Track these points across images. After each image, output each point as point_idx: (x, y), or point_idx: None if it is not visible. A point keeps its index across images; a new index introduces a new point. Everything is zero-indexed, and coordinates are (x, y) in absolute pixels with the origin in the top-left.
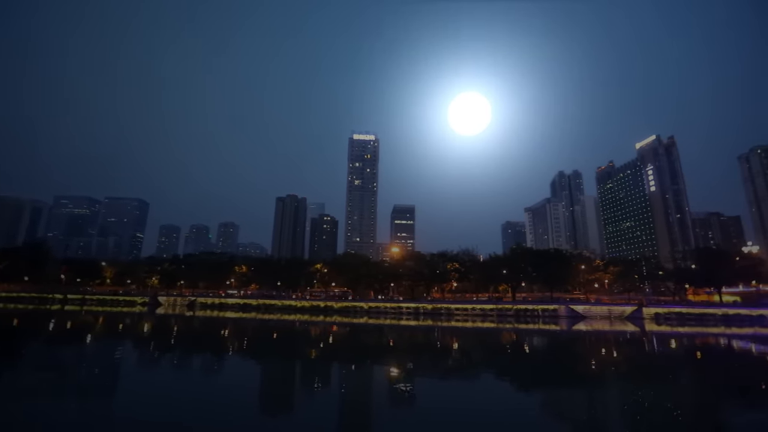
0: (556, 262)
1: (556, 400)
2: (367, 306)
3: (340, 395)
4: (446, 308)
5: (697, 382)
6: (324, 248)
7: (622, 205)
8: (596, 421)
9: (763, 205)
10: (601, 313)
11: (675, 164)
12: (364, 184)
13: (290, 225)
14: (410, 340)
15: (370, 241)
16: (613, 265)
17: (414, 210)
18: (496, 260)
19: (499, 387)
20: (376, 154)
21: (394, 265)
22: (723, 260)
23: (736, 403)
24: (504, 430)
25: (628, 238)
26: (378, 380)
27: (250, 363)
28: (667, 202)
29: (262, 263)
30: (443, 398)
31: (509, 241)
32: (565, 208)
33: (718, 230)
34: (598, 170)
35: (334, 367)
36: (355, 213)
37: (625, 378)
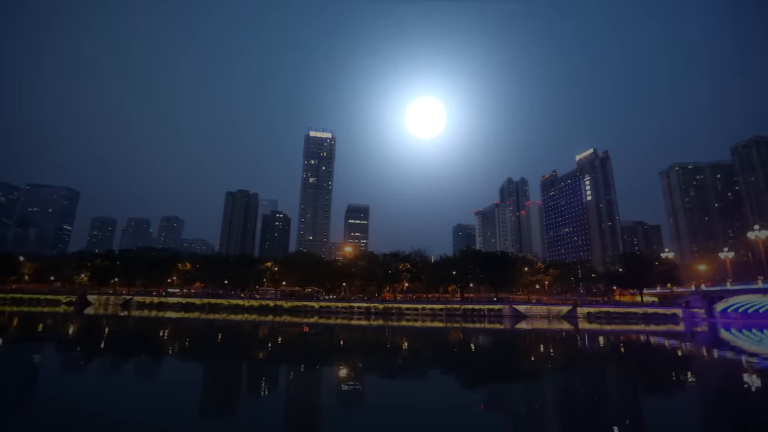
0: (502, 265)
1: (498, 394)
2: (318, 305)
3: (285, 396)
4: (397, 308)
5: (619, 374)
6: (275, 246)
7: (563, 212)
8: (533, 413)
9: (679, 217)
10: (540, 312)
11: (608, 176)
12: (318, 182)
13: (240, 221)
14: (360, 340)
15: (323, 240)
16: (552, 268)
17: (368, 210)
18: (447, 261)
19: (445, 384)
20: (332, 153)
21: (347, 265)
22: (645, 265)
23: (652, 392)
24: (449, 425)
25: (566, 243)
26: (326, 380)
27: (190, 365)
28: (601, 211)
29: (208, 260)
30: (391, 396)
31: (460, 243)
32: (512, 213)
33: (642, 237)
34: (542, 178)
35: (281, 368)
36: (309, 211)
37: (560, 372)
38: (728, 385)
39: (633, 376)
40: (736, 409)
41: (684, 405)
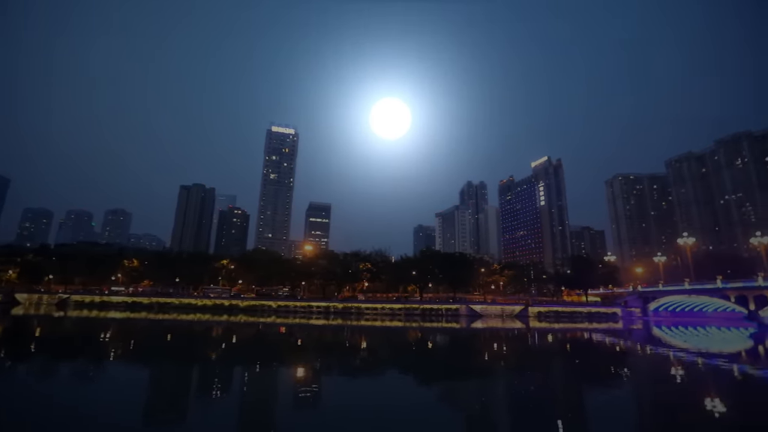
0: (460, 265)
1: (453, 391)
2: (276, 305)
3: (238, 399)
4: (356, 307)
5: (565, 369)
6: (232, 243)
7: (518, 216)
8: (486, 408)
9: (620, 223)
10: (495, 312)
11: (560, 183)
12: (280, 178)
13: (195, 216)
14: (319, 340)
15: (282, 238)
16: (507, 269)
17: (330, 208)
18: (407, 262)
19: (403, 382)
20: (295, 149)
21: (307, 264)
22: (590, 267)
23: (593, 385)
24: (406, 423)
25: (521, 245)
26: (282, 381)
27: (133, 369)
28: (553, 216)
29: (158, 257)
30: (349, 396)
31: (420, 243)
32: (471, 215)
33: (589, 242)
34: (500, 183)
35: (235, 370)
36: (269, 208)
37: (512, 369)
38: (660, 377)
39: (577, 371)
40: (667, 397)
41: (620, 396)
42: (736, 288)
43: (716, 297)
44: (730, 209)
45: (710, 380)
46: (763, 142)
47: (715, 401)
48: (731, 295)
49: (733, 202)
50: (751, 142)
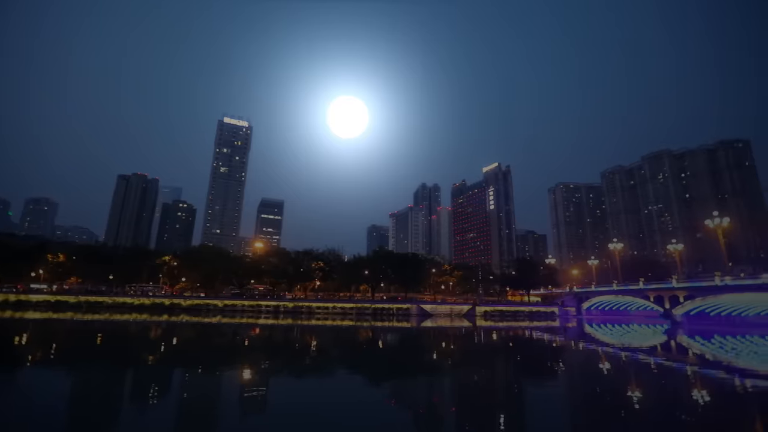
0: (412, 266)
1: (401, 387)
2: (222, 304)
3: (174, 405)
4: (307, 307)
5: (506, 364)
6: (176, 238)
7: (469, 219)
8: (433, 404)
9: (561, 228)
10: (444, 311)
11: (509, 189)
12: (231, 172)
13: (134, 208)
14: (267, 340)
15: (231, 234)
16: (457, 270)
17: (283, 205)
18: (360, 261)
19: (352, 381)
20: (248, 143)
21: (257, 261)
22: (532, 269)
23: (532, 378)
24: (353, 420)
25: (471, 247)
26: (225, 384)
27: (53, 376)
28: (501, 220)
29: (88, 251)
30: (297, 396)
31: (373, 243)
32: (424, 217)
33: (532, 245)
34: (453, 186)
35: (174, 374)
36: (218, 202)
37: (458, 365)
38: (589, 369)
39: (517, 366)
40: (596, 387)
41: (556, 387)
42: (654, 289)
43: (639, 297)
44: (652, 218)
45: (631, 371)
46: (681, 160)
47: (636, 390)
48: (650, 295)
49: (655, 212)
50: (671, 160)
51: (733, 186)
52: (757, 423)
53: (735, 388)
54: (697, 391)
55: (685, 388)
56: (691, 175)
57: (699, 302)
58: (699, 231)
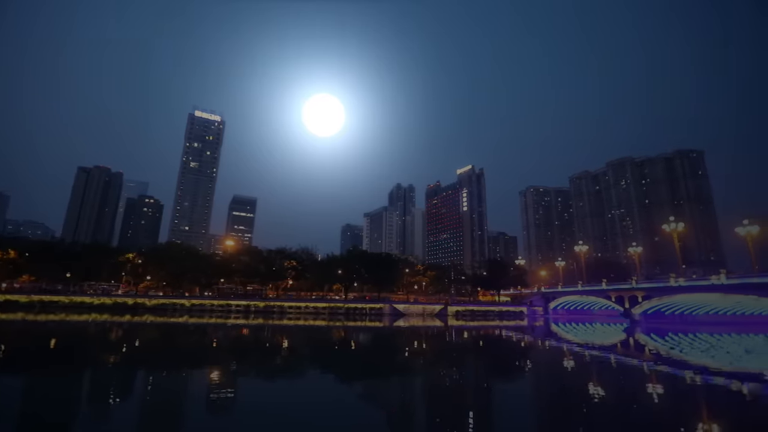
0: (386, 265)
1: (374, 388)
2: (190, 303)
3: (138, 408)
4: (279, 306)
5: (476, 362)
6: (142, 235)
7: (443, 220)
8: (404, 403)
9: (530, 230)
10: (417, 311)
11: (482, 191)
12: (202, 167)
13: (95, 203)
14: (237, 340)
15: (201, 232)
16: (430, 270)
17: (256, 203)
18: (334, 260)
19: (322, 381)
20: (220, 138)
21: (227, 260)
22: (503, 270)
23: (501, 375)
24: (323, 420)
25: (444, 248)
26: (192, 386)
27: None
28: (474, 221)
29: (42, 247)
30: (267, 396)
31: (347, 242)
32: (399, 217)
33: (503, 246)
34: (428, 187)
35: (138, 376)
36: (187, 198)
37: (430, 364)
38: (555, 366)
39: (488, 364)
40: (561, 383)
41: (524, 383)
42: (615, 289)
43: (601, 297)
44: (615, 222)
45: (593, 368)
46: (642, 167)
47: (596, 386)
48: (612, 296)
49: (618, 216)
50: (633, 167)
51: (687, 193)
52: (703, 414)
53: (686, 383)
54: (652, 386)
55: (640, 383)
56: (650, 182)
57: (656, 302)
58: (657, 235)
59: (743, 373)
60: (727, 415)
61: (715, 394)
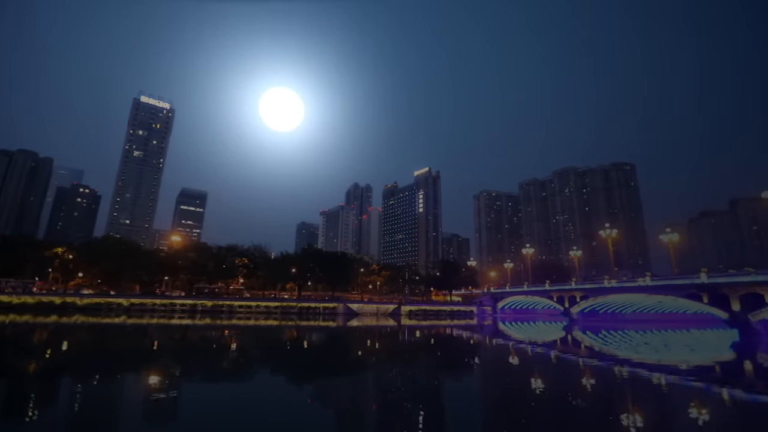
0: (341, 265)
1: (325, 386)
2: (128, 303)
3: (69, 416)
4: (228, 305)
5: (428, 360)
6: (74, 228)
7: (399, 220)
8: (355, 401)
9: (482, 233)
10: (371, 310)
11: (437, 193)
12: (147, 157)
13: (18, 191)
14: (181, 342)
15: (144, 226)
16: (385, 270)
17: (206, 197)
18: (287, 258)
19: (275, 382)
20: (169, 127)
21: (173, 256)
22: (455, 270)
23: (451, 372)
24: (274, 423)
25: (399, 248)
26: (129, 391)
27: None
28: (429, 222)
29: None
30: (211, 401)
31: (302, 240)
32: (355, 216)
33: (456, 247)
34: (385, 187)
35: (64, 382)
36: (129, 190)
37: (382, 362)
38: (501, 362)
39: (438, 361)
40: (505, 379)
41: (472, 379)
42: (557, 290)
43: (544, 297)
44: (558, 227)
45: (536, 363)
46: (584, 177)
47: (538, 379)
48: (554, 296)
49: (561, 221)
50: (575, 176)
51: (621, 202)
52: (628, 402)
53: (614, 375)
54: (586, 378)
55: (576, 376)
56: (590, 191)
57: (591, 302)
58: (594, 240)
59: (662, 365)
60: (647, 402)
61: (638, 384)
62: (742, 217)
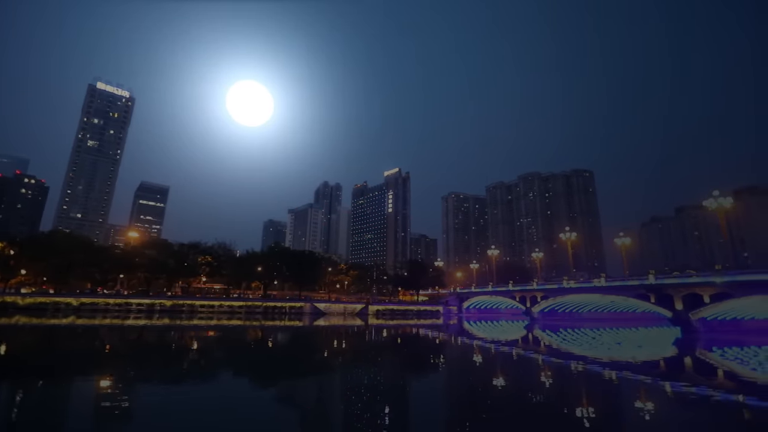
0: (308, 264)
1: (289, 387)
2: (78, 302)
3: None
4: (189, 305)
5: (393, 359)
6: (17, 221)
7: (368, 220)
8: (323, 401)
9: (450, 234)
10: (338, 310)
11: (407, 194)
12: (102, 147)
13: None
14: (136, 343)
15: (98, 221)
16: (353, 270)
17: (168, 191)
18: (253, 257)
19: (237, 384)
20: (128, 116)
21: (130, 253)
22: (423, 271)
23: (416, 370)
24: (235, 425)
25: (368, 248)
26: (79, 396)
27: None
28: (398, 223)
29: None
30: (165, 405)
31: (270, 238)
32: (324, 215)
33: (424, 248)
34: (355, 187)
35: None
36: (81, 182)
37: (348, 362)
38: (465, 360)
39: (404, 360)
40: (469, 376)
41: (437, 377)
42: (519, 290)
43: (508, 297)
44: (522, 230)
45: (498, 360)
46: (547, 182)
47: (500, 376)
48: (517, 296)
49: (525, 224)
50: (539, 181)
51: (580, 207)
52: (582, 396)
53: (572, 370)
54: (546, 375)
55: (536, 372)
56: (553, 195)
57: (551, 301)
58: (555, 242)
59: (614, 362)
60: (600, 396)
61: (593, 380)
62: (686, 223)
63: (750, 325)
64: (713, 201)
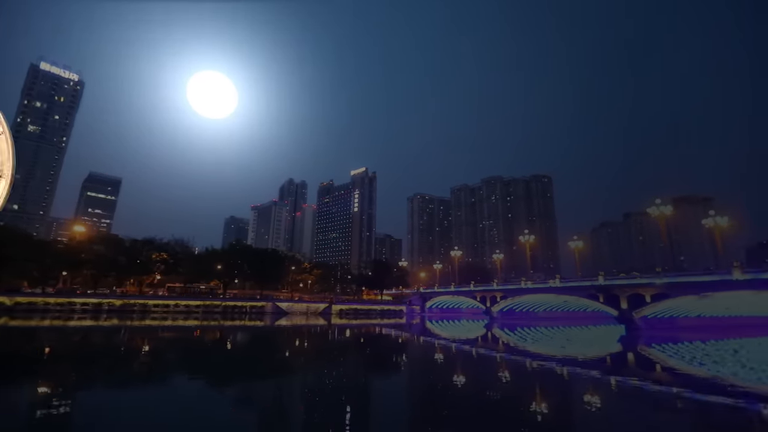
0: (271, 262)
1: (249, 388)
2: (12, 302)
3: None
4: (141, 304)
5: (356, 359)
6: None
7: (333, 219)
8: (283, 401)
9: (415, 234)
10: (301, 309)
11: (373, 193)
12: (45, 133)
13: None
14: (80, 346)
15: (38, 213)
16: (317, 269)
17: (120, 184)
18: (213, 254)
19: (190, 388)
20: (76, 101)
21: (75, 248)
22: (387, 270)
23: (379, 369)
24: (192, 423)
25: (332, 247)
26: (14, 403)
27: None
28: (363, 222)
29: None
30: (113, 411)
31: (231, 236)
32: (288, 212)
33: (389, 248)
34: (321, 185)
35: None
36: (20, 170)
37: (309, 362)
38: (426, 359)
39: (366, 360)
40: (430, 375)
41: (399, 375)
42: (480, 290)
43: (469, 297)
44: (484, 231)
45: (458, 358)
46: (508, 186)
47: (460, 373)
48: (477, 296)
49: (487, 226)
50: (501, 185)
51: (539, 211)
52: (536, 391)
53: (527, 367)
54: (502, 371)
55: (494, 369)
56: (514, 199)
57: (510, 301)
58: (515, 244)
59: (566, 359)
60: (554, 391)
61: (547, 375)
62: (633, 228)
63: (683, 323)
64: (655, 208)
